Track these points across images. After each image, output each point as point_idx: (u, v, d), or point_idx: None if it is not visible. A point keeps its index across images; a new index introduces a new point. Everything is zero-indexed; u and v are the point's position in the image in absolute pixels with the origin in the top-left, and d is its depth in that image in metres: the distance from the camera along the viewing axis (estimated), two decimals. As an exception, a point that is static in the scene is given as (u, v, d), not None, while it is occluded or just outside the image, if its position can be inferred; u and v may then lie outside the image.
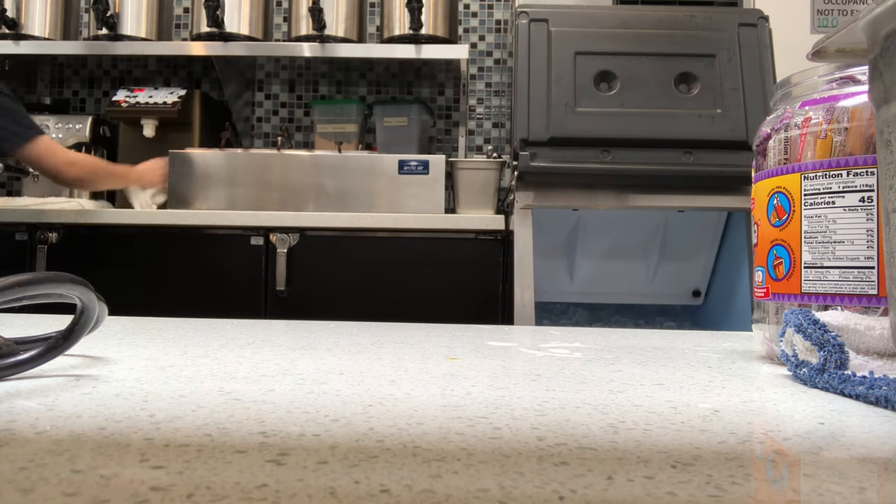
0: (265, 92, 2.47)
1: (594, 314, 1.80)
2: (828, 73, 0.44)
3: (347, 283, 1.75)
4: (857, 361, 0.37)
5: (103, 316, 0.36)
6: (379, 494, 0.18)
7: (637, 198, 1.58)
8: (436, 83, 2.43)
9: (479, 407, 0.29)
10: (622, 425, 0.27)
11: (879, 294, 0.39)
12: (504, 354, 0.45)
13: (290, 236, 1.75)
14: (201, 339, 0.50)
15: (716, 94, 1.56)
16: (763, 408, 0.31)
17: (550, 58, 1.58)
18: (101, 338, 0.48)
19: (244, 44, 2.11)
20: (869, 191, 0.40)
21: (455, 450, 0.23)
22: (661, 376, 0.38)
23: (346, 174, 1.91)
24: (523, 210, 1.58)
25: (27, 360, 0.32)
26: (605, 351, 0.48)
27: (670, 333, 0.60)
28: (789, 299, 0.43)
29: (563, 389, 0.34)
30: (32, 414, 0.26)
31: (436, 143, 2.42)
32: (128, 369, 0.36)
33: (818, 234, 0.41)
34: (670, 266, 1.77)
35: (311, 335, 0.52)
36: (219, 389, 0.32)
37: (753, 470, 0.22)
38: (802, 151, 0.43)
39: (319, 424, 0.26)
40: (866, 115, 0.40)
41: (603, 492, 0.19)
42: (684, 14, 1.63)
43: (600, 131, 1.54)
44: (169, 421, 0.25)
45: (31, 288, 0.30)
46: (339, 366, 0.39)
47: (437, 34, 2.07)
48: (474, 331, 0.58)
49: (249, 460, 0.21)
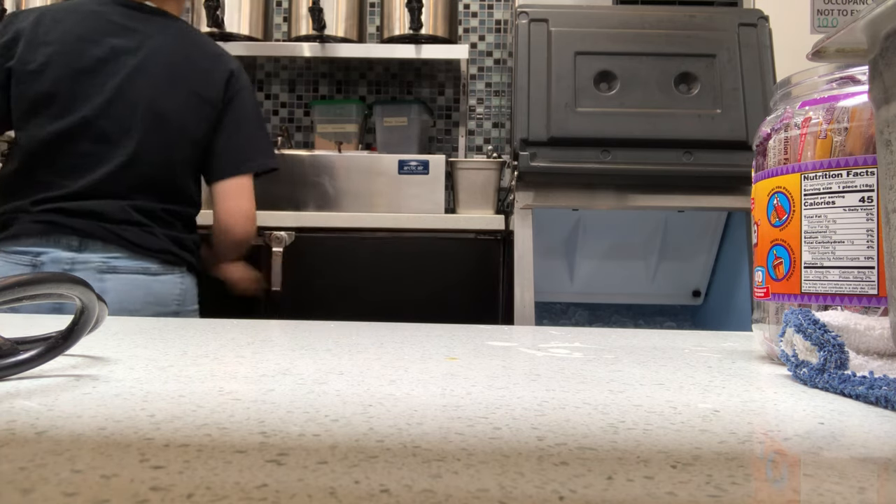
0: (265, 92, 2.47)
1: (594, 314, 1.80)
2: (828, 73, 0.44)
3: (347, 282, 1.75)
4: (857, 361, 0.37)
5: (103, 316, 0.36)
6: (379, 494, 0.18)
7: (637, 198, 1.58)
8: (436, 83, 2.43)
9: (479, 407, 0.29)
10: (622, 425, 0.27)
11: (879, 294, 0.39)
12: (504, 354, 0.45)
13: (288, 235, 1.75)
14: (201, 339, 0.50)
15: (716, 94, 1.56)
16: (763, 408, 0.31)
17: (550, 58, 1.58)
18: (101, 338, 0.48)
19: (244, 44, 2.11)
20: (869, 191, 0.40)
21: (455, 450, 0.23)
22: (661, 376, 0.38)
23: (345, 174, 1.91)
24: (523, 210, 1.58)
25: (27, 360, 0.32)
26: (605, 351, 0.48)
27: (670, 333, 0.60)
28: (789, 299, 0.43)
29: (563, 389, 0.34)
30: (32, 414, 0.26)
31: (436, 143, 2.42)
32: (128, 369, 0.36)
33: (818, 234, 0.41)
34: (670, 266, 1.77)
35: (311, 335, 0.52)
36: (219, 389, 0.32)
37: (753, 470, 0.22)
38: (802, 151, 0.43)
39: (319, 424, 0.26)
40: (866, 115, 0.40)
41: (603, 492, 0.19)
42: (684, 14, 1.63)
43: (600, 131, 1.54)
44: (169, 421, 0.25)
45: (31, 288, 0.30)
46: (339, 366, 0.39)
47: (437, 34, 2.07)
48: (474, 331, 0.58)
49: (249, 460, 0.21)
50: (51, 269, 1.13)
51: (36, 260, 1.14)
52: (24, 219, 1.16)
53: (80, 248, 1.16)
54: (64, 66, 1.18)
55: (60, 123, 1.16)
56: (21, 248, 1.15)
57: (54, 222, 1.15)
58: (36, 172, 1.17)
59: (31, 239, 1.15)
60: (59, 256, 1.15)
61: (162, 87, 1.23)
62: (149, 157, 1.22)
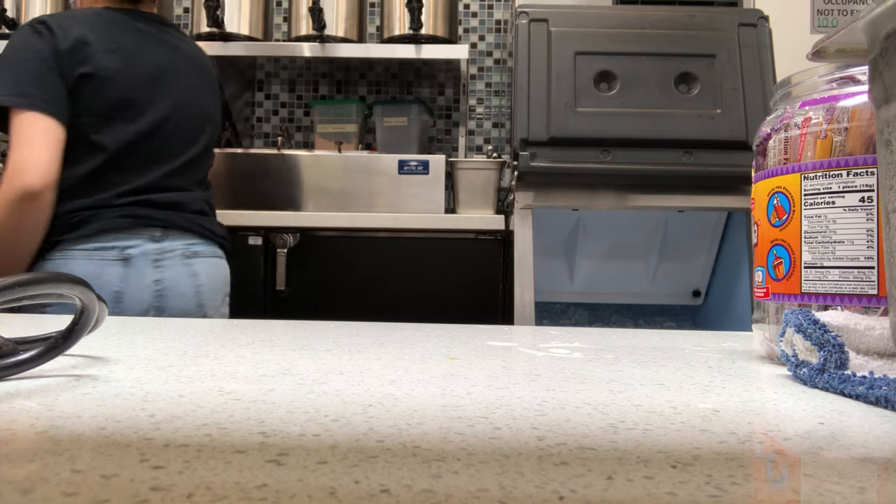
0: (265, 92, 2.47)
1: (594, 314, 1.80)
2: (828, 73, 0.44)
3: (347, 283, 1.75)
4: (857, 361, 0.37)
5: (103, 316, 0.36)
6: (379, 494, 0.18)
7: (637, 198, 1.58)
8: (436, 83, 2.43)
9: (479, 407, 0.29)
10: (622, 425, 0.27)
11: (879, 294, 0.39)
12: (504, 354, 0.45)
13: (291, 236, 1.75)
14: (201, 339, 0.50)
15: (716, 94, 1.56)
16: (763, 408, 0.31)
17: (550, 58, 1.58)
18: (101, 338, 0.48)
19: (244, 44, 2.11)
20: (869, 191, 0.40)
21: (455, 450, 0.23)
22: (661, 376, 0.38)
23: (346, 174, 1.91)
24: (523, 210, 1.58)
25: (27, 360, 0.32)
26: (605, 351, 0.48)
27: (670, 333, 0.60)
28: (789, 299, 0.43)
29: (563, 389, 0.34)
30: (32, 414, 0.26)
31: (436, 143, 2.42)
32: (128, 369, 0.36)
33: (818, 234, 0.41)
34: (670, 266, 1.77)
35: (311, 335, 0.52)
36: (219, 389, 0.32)
37: (753, 470, 0.22)
38: (802, 151, 0.43)
39: (319, 424, 0.26)
40: (866, 115, 0.40)
41: (603, 492, 0.19)
42: (684, 14, 1.63)
43: (600, 131, 1.54)
44: (169, 421, 0.25)
45: (31, 288, 0.30)
46: (339, 366, 0.39)
47: (437, 34, 2.07)
48: (474, 331, 0.58)
49: (249, 460, 0.21)
50: (140, 261, 1.20)
51: (124, 254, 1.19)
52: (108, 214, 1.20)
53: (162, 238, 1.24)
54: (134, 72, 1.25)
55: (140, 125, 1.23)
56: (106, 243, 1.19)
57: (139, 215, 1.21)
58: (117, 171, 1.22)
59: (117, 233, 1.20)
60: (147, 248, 1.21)
61: (202, 90, 1.36)
62: (206, 153, 1.36)
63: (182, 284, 1.24)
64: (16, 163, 1.09)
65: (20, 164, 1.09)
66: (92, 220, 1.18)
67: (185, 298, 1.24)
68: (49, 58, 1.16)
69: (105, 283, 1.16)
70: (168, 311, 1.22)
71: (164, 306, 1.22)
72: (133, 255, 1.19)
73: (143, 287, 1.20)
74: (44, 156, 1.10)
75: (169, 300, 1.22)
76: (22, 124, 1.11)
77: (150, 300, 1.20)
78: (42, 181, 1.10)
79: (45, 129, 1.11)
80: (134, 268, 1.19)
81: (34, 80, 1.13)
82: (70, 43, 1.18)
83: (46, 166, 1.11)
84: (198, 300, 1.26)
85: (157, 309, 1.21)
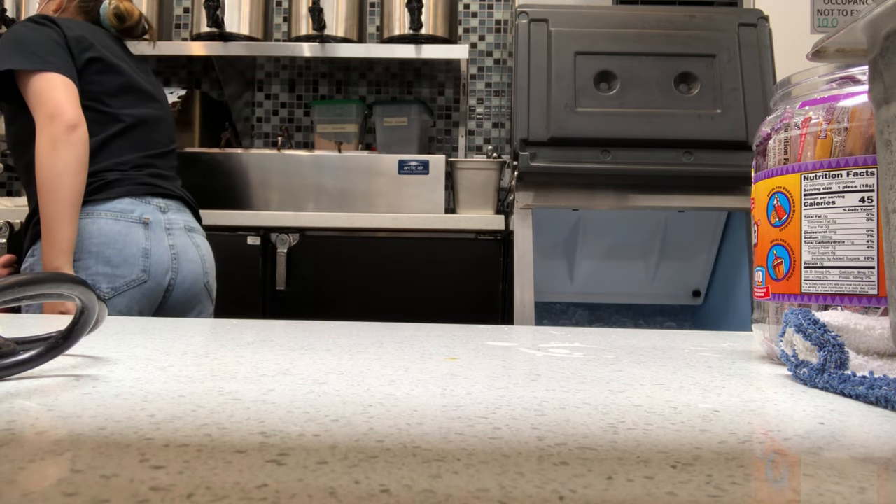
0: (265, 92, 2.47)
1: (594, 314, 1.80)
2: (828, 73, 0.44)
3: (347, 283, 1.75)
4: (857, 361, 0.37)
5: (103, 316, 0.36)
6: (379, 494, 0.18)
7: (637, 198, 1.58)
8: (436, 83, 2.43)
9: (479, 407, 0.29)
10: (622, 425, 0.27)
11: (879, 294, 0.39)
12: (504, 354, 0.45)
13: (290, 236, 1.75)
14: (201, 339, 0.50)
15: (716, 94, 1.56)
16: (763, 408, 0.31)
17: (550, 58, 1.58)
18: (101, 338, 0.48)
19: (244, 44, 2.11)
20: (869, 191, 0.40)
21: (455, 450, 0.23)
22: (661, 376, 0.38)
23: (346, 174, 1.91)
24: (523, 210, 1.58)
25: (27, 360, 0.32)
26: (605, 351, 0.48)
27: (670, 333, 0.60)
28: (789, 299, 0.43)
29: (563, 389, 0.34)
30: (32, 414, 0.26)
31: (436, 143, 2.42)
32: (128, 369, 0.36)
33: (818, 234, 0.41)
34: (670, 266, 1.77)
35: (311, 335, 0.52)
36: (219, 389, 0.32)
37: (753, 470, 0.22)
38: (802, 151, 0.43)
39: (319, 424, 0.26)
40: (866, 115, 0.40)
41: (603, 492, 0.19)
42: (684, 14, 1.63)
43: (600, 131, 1.54)
44: (169, 421, 0.25)
45: (31, 288, 0.30)
46: (339, 366, 0.39)
47: (437, 34, 2.07)
48: (474, 331, 0.58)
49: (249, 460, 0.21)
50: (156, 227, 1.31)
51: (144, 217, 1.31)
52: (128, 179, 1.31)
53: (167, 210, 1.36)
54: (133, 71, 1.40)
55: (148, 109, 1.38)
56: (127, 206, 1.29)
57: (151, 183, 1.34)
58: (130, 142, 1.34)
59: (133, 199, 1.31)
60: (158, 217, 1.33)
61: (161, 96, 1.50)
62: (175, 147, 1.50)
63: (190, 252, 1.36)
64: (52, 106, 1.19)
65: (57, 105, 1.20)
66: (115, 184, 1.29)
67: (195, 265, 1.36)
68: (60, 41, 1.26)
69: (133, 240, 1.27)
70: (181, 275, 1.33)
71: (179, 269, 1.33)
72: (151, 220, 1.31)
73: (163, 249, 1.31)
74: (73, 101, 1.22)
75: (182, 264, 1.34)
76: (45, 82, 1.21)
77: (169, 262, 1.31)
78: (78, 117, 1.21)
79: (67, 85, 1.22)
80: (153, 231, 1.30)
81: (51, 51, 1.24)
82: (75, 34, 1.29)
83: (78, 108, 1.22)
84: (203, 268, 1.38)
85: (174, 270, 1.32)
